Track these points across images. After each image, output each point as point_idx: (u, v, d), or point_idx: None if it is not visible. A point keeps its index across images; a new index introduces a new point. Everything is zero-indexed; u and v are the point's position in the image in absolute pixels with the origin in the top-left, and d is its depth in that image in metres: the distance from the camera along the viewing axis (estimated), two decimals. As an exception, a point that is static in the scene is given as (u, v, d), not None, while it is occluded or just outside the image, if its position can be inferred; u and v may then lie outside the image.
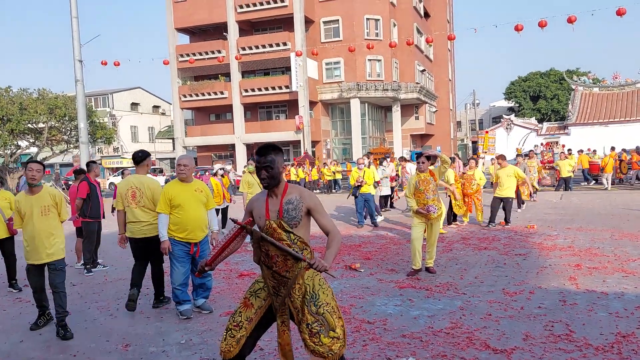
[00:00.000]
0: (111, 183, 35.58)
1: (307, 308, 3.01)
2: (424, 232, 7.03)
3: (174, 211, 5.21)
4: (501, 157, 11.38)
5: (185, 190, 5.28)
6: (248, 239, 4.85)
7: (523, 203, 13.74)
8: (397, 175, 15.49)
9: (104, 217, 8.35)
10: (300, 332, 3.04)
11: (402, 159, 16.04)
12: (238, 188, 11.50)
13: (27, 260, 5.04)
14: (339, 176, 24.15)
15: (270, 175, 3.04)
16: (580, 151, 24.52)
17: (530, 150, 20.86)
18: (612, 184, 19.32)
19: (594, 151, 26.11)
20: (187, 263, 5.34)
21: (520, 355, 4.01)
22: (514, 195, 11.29)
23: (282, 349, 3.09)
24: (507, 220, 11.09)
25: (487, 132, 33.34)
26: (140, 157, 5.76)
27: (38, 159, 5.22)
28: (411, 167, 14.63)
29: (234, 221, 3.12)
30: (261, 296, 3.15)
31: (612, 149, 20.43)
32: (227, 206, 11.67)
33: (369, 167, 12.09)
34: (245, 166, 10.98)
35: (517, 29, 17.97)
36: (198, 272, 3.27)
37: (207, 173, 14.15)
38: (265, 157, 3.04)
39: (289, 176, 23.92)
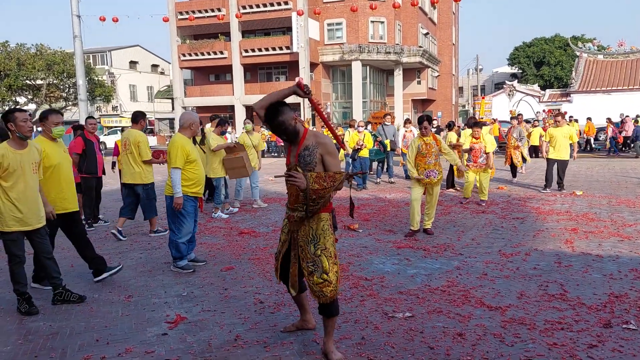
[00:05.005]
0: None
1: (308, 248, 3.21)
2: (424, 194, 7.08)
3: (189, 167, 5.32)
4: (560, 115, 10.40)
5: (193, 145, 5.45)
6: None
7: (515, 176, 12.63)
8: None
9: (103, 174, 8.36)
10: (304, 271, 3.30)
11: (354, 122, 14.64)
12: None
13: (13, 227, 4.18)
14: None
15: (288, 134, 3.24)
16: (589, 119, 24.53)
17: (519, 114, 17.29)
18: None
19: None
20: (192, 217, 5.46)
21: (514, 312, 4.10)
22: (569, 157, 10.45)
23: (292, 279, 3.39)
24: (560, 185, 10.36)
25: (483, 97, 33.23)
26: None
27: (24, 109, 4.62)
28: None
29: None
30: (285, 231, 3.46)
31: (576, 120, 22.76)
32: None
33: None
34: (243, 127, 10.87)
35: (524, -9, 17.53)
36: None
37: None
38: (273, 122, 3.19)
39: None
